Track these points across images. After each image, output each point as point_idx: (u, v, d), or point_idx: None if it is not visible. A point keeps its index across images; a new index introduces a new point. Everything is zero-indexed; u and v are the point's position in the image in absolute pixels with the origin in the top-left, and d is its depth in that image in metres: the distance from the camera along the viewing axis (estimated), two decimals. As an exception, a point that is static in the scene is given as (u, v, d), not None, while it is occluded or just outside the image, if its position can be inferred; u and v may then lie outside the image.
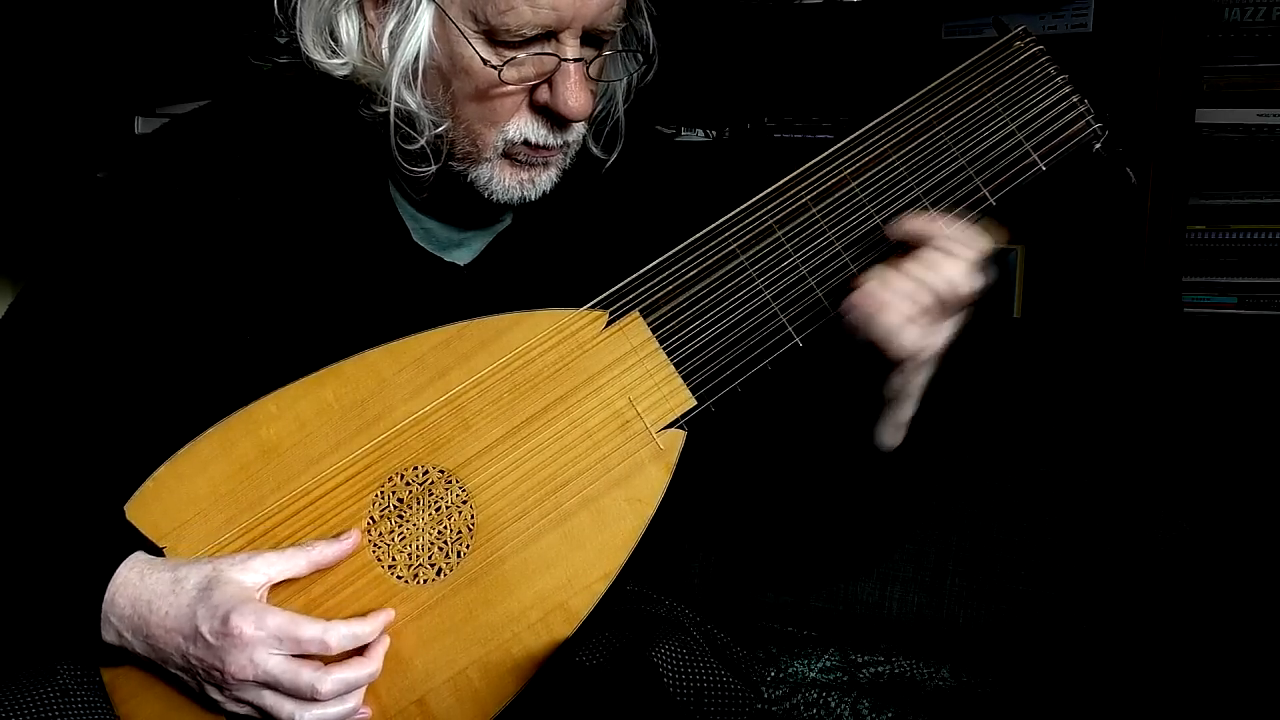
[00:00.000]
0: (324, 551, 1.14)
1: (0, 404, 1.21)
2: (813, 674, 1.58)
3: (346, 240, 1.25)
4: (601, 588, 1.15)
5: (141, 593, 1.11)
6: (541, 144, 1.18)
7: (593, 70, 1.17)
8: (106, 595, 1.11)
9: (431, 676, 1.15)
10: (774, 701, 1.54)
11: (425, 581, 1.15)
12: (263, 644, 1.08)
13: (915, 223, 1.15)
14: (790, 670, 1.59)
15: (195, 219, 1.23)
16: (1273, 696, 1.45)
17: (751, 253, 1.16)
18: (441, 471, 1.16)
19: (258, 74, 1.32)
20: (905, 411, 1.20)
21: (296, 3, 1.19)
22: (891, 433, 1.21)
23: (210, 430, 1.16)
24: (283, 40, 1.22)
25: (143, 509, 1.15)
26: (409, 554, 1.16)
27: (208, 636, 1.08)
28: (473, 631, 1.15)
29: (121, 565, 1.12)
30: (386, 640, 1.14)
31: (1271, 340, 1.87)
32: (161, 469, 1.15)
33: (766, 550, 1.47)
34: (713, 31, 2.15)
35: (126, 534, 1.14)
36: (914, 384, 1.18)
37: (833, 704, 1.52)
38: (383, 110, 1.18)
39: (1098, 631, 1.55)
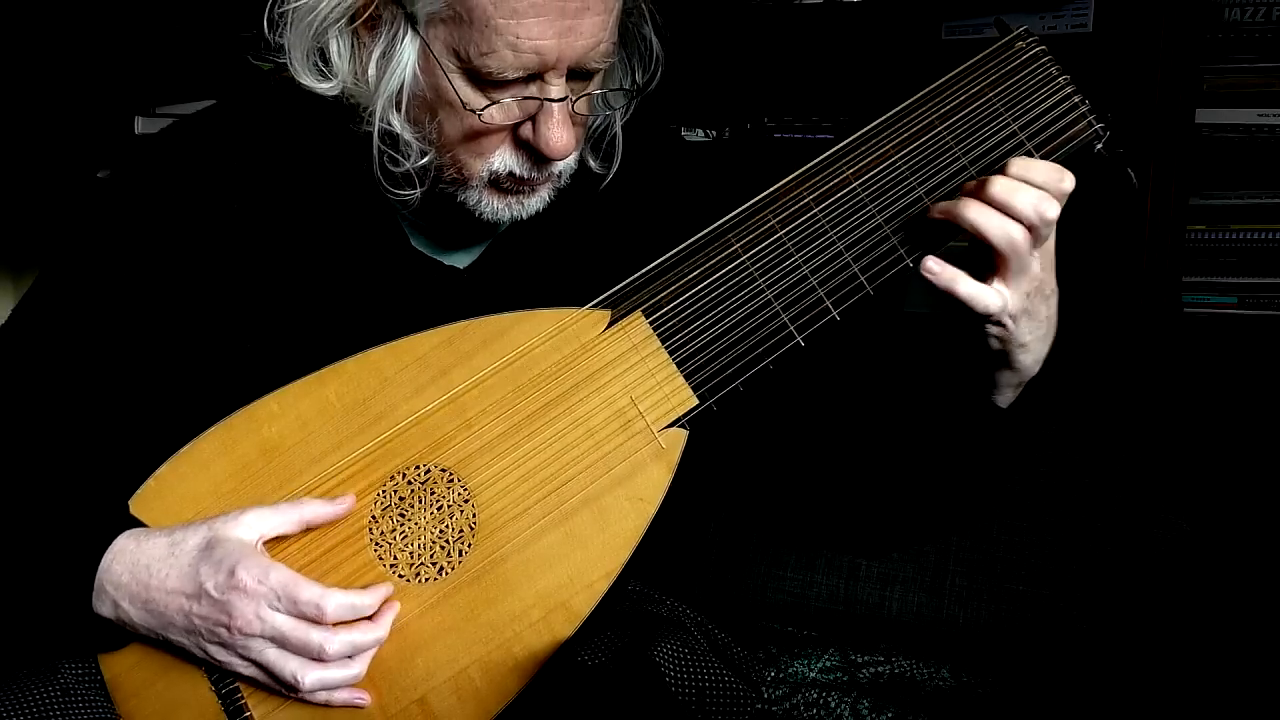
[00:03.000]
0: (317, 510, 1.13)
1: (3, 403, 1.22)
2: (813, 674, 1.58)
3: (346, 243, 1.25)
4: (603, 587, 1.15)
5: (139, 558, 1.11)
6: (527, 176, 1.18)
7: (580, 106, 1.17)
8: (103, 564, 1.11)
9: (433, 675, 1.15)
10: (774, 701, 1.54)
11: (427, 580, 1.16)
12: (265, 598, 1.08)
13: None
14: (790, 670, 1.59)
15: (197, 220, 1.24)
16: (1273, 696, 1.45)
17: (753, 253, 1.16)
18: (443, 470, 1.16)
19: (258, 74, 1.32)
20: (1021, 363, 1.16)
21: (284, 27, 1.18)
22: (1010, 391, 1.19)
23: (212, 429, 1.16)
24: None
25: (144, 507, 1.15)
26: (410, 552, 1.16)
27: (213, 592, 1.09)
28: (474, 630, 1.15)
29: (119, 537, 1.12)
30: (397, 606, 1.14)
31: (1271, 340, 1.87)
32: (163, 468, 1.16)
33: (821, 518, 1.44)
34: (713, 32, 2.15)
35: (123, 522, 1.14)
36: (1018, 332, 1.13)
37: (833, 704, 1.52)
38: (369, 130, 1.18)
39: (1098, 631, 1.55)
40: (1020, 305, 1.12)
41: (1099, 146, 1.16)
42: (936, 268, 1.10)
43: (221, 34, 2.29)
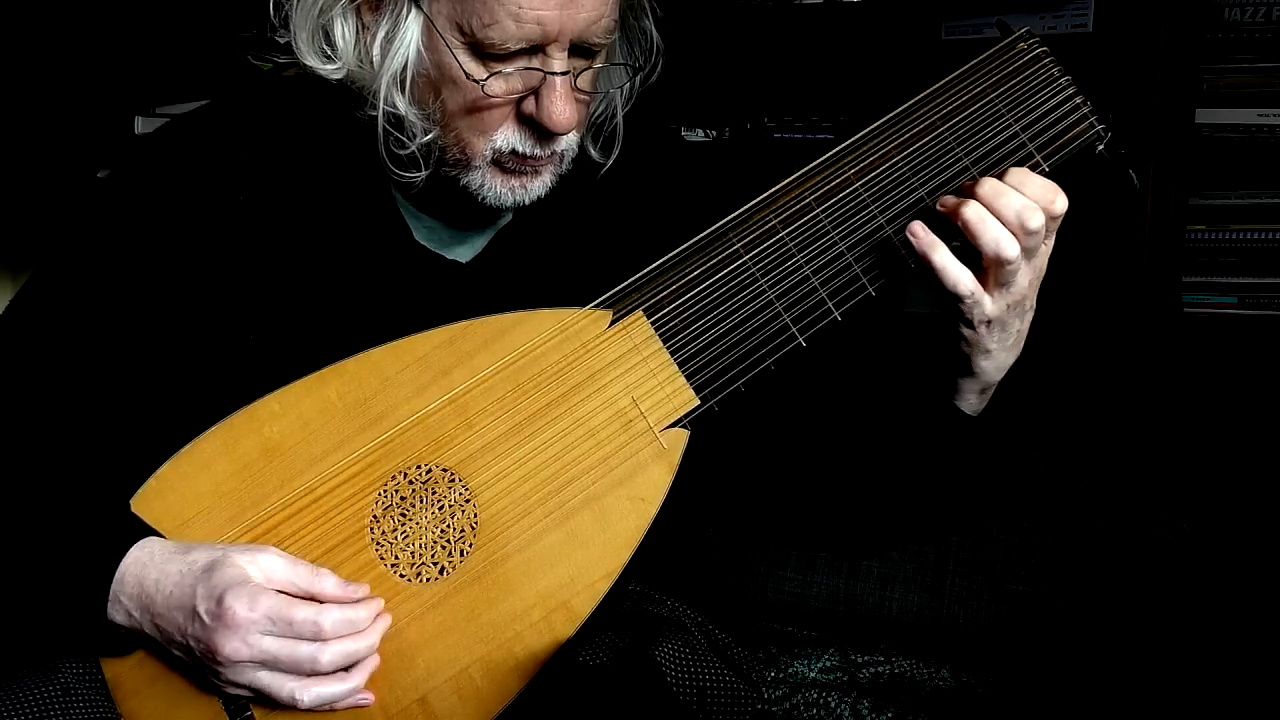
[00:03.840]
0: (331, 589, 1.12)
1: (3, 402, 1.21)
2: (813, 674, 1.58)
3: (348, 238, 1.26)
4: (604, 587, 1.15)
5: (149, 570, 1.11)
6: (530, 154, 1.18)
7: (582, 82, 1.17)
8: (117, 574, 1.11)
9: (434, 675, 1.15)
10: (774, 701, 1.54)
11: (428, 580, 1.16)
12: (256, 625, 1.08)
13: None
14: (790, 670, 1.59)
15: (197, 217, 1.24)
16: (1273, 696, 1.45)
17: (755, 253, 1.16)
18: (444, 470, 1.16)
19: (257, 74, 1.32)
20: (982, 369, 1.17)
21: (289, 9, 1.19)
22: (974, 396, 1.20)
23: (213, 428, 1.16)
24: (282, 40, 1.22)
25: (146, 506, 1.15)
26: (412, 552, 1.16)
27: (204, 617, 1.08)
28: (475, 630, 1.15)
29: (134, 546, 1.12)
30: (389, 618, 1.14)
31: (1271, 340, 1.88)
32: (164, 467, 1.16)
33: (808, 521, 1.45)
34: (713, 31, 2.15)
35: (134, 526, 1.14)
36: (986, 338, 1.15)
37: (833, 704, 1.52)
38: (374, 114, 1.18)
39: (1098, 631, 1.55)
40: (998, 313, 1.13)
41: (1100, 147, 1.17)
42: (920, 232, 1.12)
43: (221, 34, 2.29)
